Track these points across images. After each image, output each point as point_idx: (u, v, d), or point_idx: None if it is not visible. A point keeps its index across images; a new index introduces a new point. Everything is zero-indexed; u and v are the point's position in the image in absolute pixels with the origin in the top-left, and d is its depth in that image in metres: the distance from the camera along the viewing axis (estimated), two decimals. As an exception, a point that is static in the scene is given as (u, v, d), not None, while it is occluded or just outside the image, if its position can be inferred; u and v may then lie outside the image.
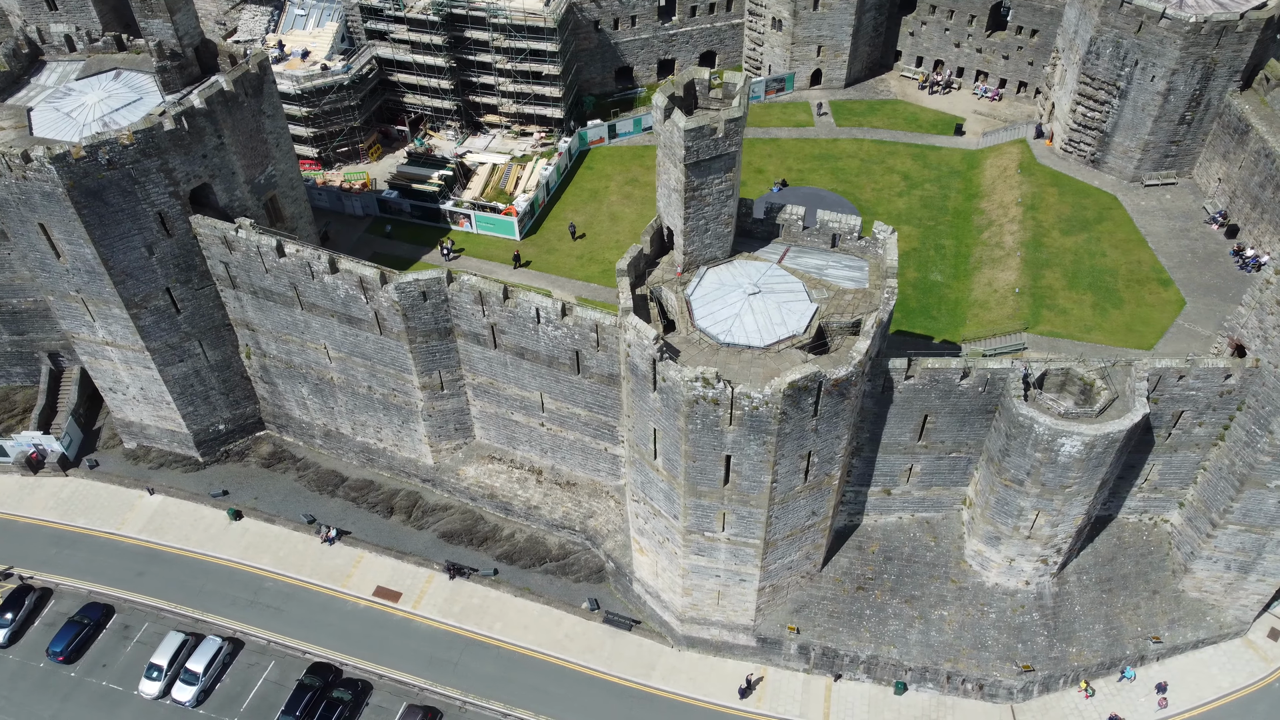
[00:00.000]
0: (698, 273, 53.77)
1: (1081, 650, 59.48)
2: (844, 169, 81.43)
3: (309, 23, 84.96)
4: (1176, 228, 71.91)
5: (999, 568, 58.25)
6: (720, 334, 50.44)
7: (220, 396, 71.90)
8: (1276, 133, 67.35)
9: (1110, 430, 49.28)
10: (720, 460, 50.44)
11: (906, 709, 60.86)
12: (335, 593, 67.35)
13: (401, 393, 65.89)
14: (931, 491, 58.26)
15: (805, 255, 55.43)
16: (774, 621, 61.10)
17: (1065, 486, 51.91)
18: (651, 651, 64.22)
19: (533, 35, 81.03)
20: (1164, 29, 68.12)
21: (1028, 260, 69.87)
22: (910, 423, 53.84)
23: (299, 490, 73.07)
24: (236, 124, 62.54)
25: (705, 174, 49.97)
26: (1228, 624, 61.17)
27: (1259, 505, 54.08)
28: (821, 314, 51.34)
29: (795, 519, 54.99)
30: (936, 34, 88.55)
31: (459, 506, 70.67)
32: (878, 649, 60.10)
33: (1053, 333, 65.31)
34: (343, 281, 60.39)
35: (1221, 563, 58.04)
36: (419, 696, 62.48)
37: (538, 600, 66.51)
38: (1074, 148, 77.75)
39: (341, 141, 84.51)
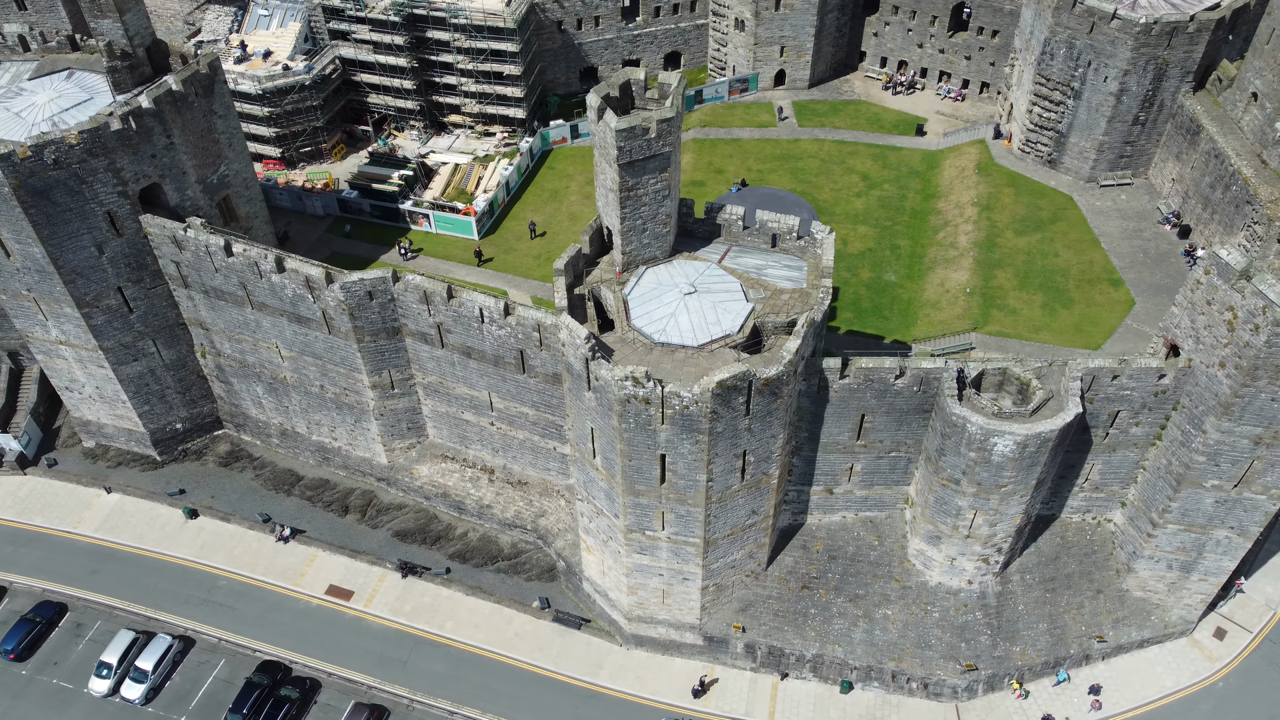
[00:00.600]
0: (636, 272, 53.95)
1: (1025, 649, 59.63)
2: (804, 169, 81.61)
3: (272, 23, 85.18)
4: (1130, 228, 72.07)
5: (941, 567, 58.41)
6: (655, 333, 50.63)
7: (176, 395, 72.12)
8: (1226, 133, 67.51)
9: (1042, 430, 49.45)
10: (655, 459, 50.62)
11: (852, 708, 61.02)
12: (288, 591, 67.53)
13: (353, 392, 66.10)
14: (874, 491, 58.42)
15: (745, 255, 55.60)
16: (720, 620, 61.26)
17: (1000, 486, 52.07)
18: (600, 650, 64.39)
19: (493, 35, 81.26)
20: (1115, 29, 68.29)
21: (980, 260, 70.03)
22: (848, 422, 54.00)
23: (255, 489, 73.30)
24: (186, 124, 62.75)
25: (640, 174, 50.11)
26: (1173, 623, 61.30)
27: (1197, 505, 54.21)
28: (757, 314, 51.52)
29: (735, 518, 55.15)
30: (900, 34, 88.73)
31: (413, 505, 70.88)
32: (823, 648, 60.27)
33: (1001, 333, 65.48)
34: (290, 281, 60.60)
35: (1163, 562, 58.18)
36: (367, 695, 62.68)
37: (489, 599, 66.70)
38: (1031, 148, 77.93)
39: (305, 141, 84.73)
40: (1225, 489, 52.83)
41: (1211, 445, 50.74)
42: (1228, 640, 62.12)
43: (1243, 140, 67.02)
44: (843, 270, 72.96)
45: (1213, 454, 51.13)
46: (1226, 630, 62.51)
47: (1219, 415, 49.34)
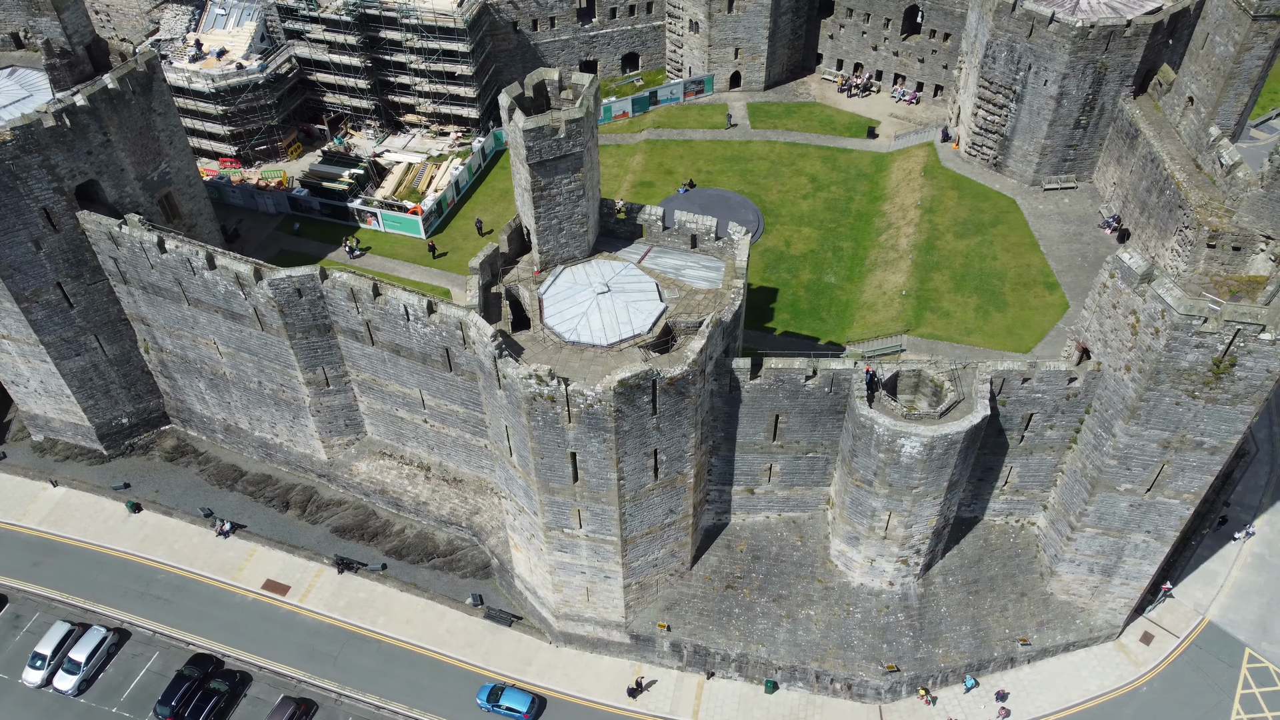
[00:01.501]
0: (554, 271, 54.32)
1: (948, 651, 59.75)
2: (753, 171, 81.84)
3: (229, 22, 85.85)
4: (1070, 232, 72.11)
5: (862, 568, 58.58)
6: (566, 332, 50.98)
7: (121, 390, 72.75)
8: (1163, 137, 67.52)
9: (948, 431, 49.61)
10: (566, 457, 50.96)
11: (776, 707, 61.23)
12: (225, 585, 68.06)
13: (289, 388, 66.61)
14: (794, 491, 58.62)
15: (666, 256, 55.92)
16: (646, 619, 61.54)
17: (912, 487, 52.23)
18: (529, 647, 64.75)
19: (444, 36, 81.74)
20: (1053, 33, 68.36)
21: (918, 263, 70.17)
22: (762, 422, 54.22)
23: (199, 484, 73.89)
24: (123, 121, 63.31)
25: (552, 174, 50.48)
26: (1098, 627, 61.33)
27: (1112, 508, 54.29)
28: (669, 314, 51.83)
29: (652, 517, 55.43)
30: (854, 37, 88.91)
31: (352, 502, 71.38)
32: (747, 647, 60.49)
33: (933, 335, 65.61)
34: (221, 278, 61.13)
35: (1084, 565, 58.24)
36: (297, 689, 63.14)
37: (423, 595, 67.12)
38: (977, 151, 78.03)
39: (260, 140, 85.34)
40: (1138, 493, 52.90)
41: (1121, 449, 50.83)
42: (1154, 645, 62.13)
43: (1179, 145, 67.00)
44: (783, 272, 73.20)
45: (1123, 457, 51.21)
46: (1154, 635, 62.51)
47: (1126, 419, 49.44)
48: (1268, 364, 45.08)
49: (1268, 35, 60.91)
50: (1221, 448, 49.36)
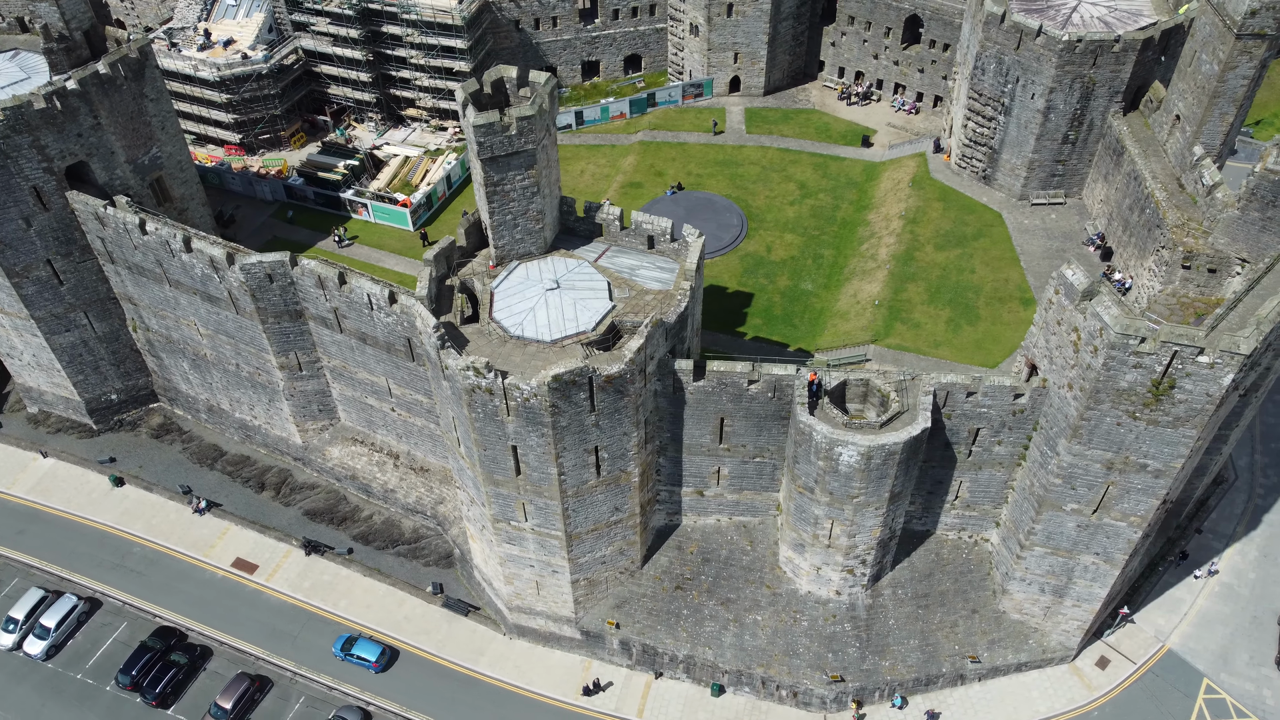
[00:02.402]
0: (509, 266, 54.98)
1: (895, 664, 59.32)
2: (743, 175, 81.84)
3: (238, 13, 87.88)
4: (1054, 248, 71.15)
5: (808, 575, 58.42)
6: (512, 327, 51.61)
7: (111, 367, 74.83)
8: (1149, 156, 66.39)
9: (885, 442, 49.37)
10: (508, 450, 51.56)
11: (721, 711, 61.27)
12: (196, 561, 69.75)
13: (264, 371, 68.09)
14: (744, 495, 58.60)
15: (622, 255, 56.30)
16: (596, 616, 61.92)
17: (852, 496, 52.03)
18: (484, 638, 65.48)
19: (443, 32, 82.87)
20: (1040, 46, 67.56)
21: (895, 273, 69.71)
22: (708, 425, 54.34)
23: (181, 461, 75.76)
24: (114, 106, 65.19)
25: (504, 170, 51.13)
26: (1052, 649, 60.48)
27: (1059, 528, 53.58)
28: (617, 313, 52.17)
29: (596, 514, 55.80)
30: (856, 45, 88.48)
31: (325, 486, 72.70)
32: (694, 649, 60.60)
33: (901, 346, 65.15)
34: (197, 260, 62.71)
35: (1035, 585, 57.51)
36: (254, 665, 64.50)
37: (385, 581, 68.18)
38: (967, 163, 77.27)
39: (263, 129, 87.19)
40: (1085, 514, 52.17)
41: (1065, 468, 50.19)
42: (1110, 670, 61.12)
43: (1164, 163, 65.80)
44: (761, 277, 73.16)
45: (1067, 477, 50.55)
46: (1110, 660, 61.50)
47: (1069, 438, 48.84)
48: (1207, 387, 44.28)
49: (1252, 55, 59.64)
50: (1166, 471, 48.49)
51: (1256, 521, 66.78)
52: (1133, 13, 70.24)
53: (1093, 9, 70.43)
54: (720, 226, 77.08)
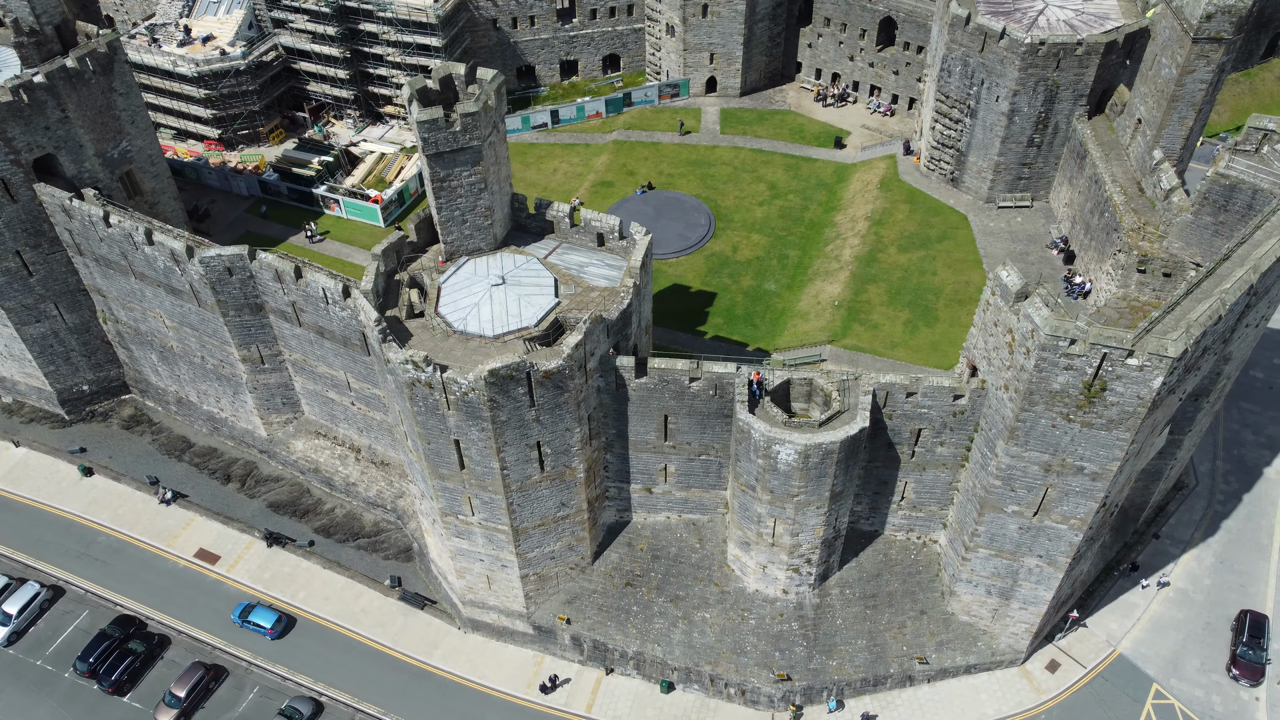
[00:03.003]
0: (459, 262, 55.40)
1: (843, 664, 59.37)
2: (714, 176, 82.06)
3: (219, 9, 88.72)
4: (1017, 251, 71.06)
5: (755, 574, 58.56)
6: (456, 321, 52.01)
7: (82, 358, 75.67)
8: (1111, 159, 66.26)
9: (822, 440, 49.50)
10: (450, 444, 51.94)
11: (670, 708, 61.46)
12: (159, 551, 70.41)
13: (228, 364, 68.74)
14: (692, 493, 58.80)
15: (573, 253, 56.64)
16: (548, 611, 62.22)
17: (793, 495, 52.16)
18: (438, 631, 65.87)
19: (419, 30, 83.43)
20: (1003, 49, 67.53)
21: (857, 274, 69.79)
22: (652, 422, 54.57)
23: (151, 452, 76.50)
24: (82, 99, 66.02)
25: (450, 166, 51.59)
26: (1001, 651, 60.40)
27: (1002, 530, 53.55)
28: (561, 309, 52.50)
29: (543, 509, 56.11)
30: (832, 47, 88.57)
31: (289, 479, 73.30)
32: (643, 645, 60.81)
33: (857, 347, 65.23)
34: (159, 253, 63.40)
35: (982, 587, 57.46)
36: (211, 655, 65.10)
37: (344, 573, 68.69)
38: (935, 166, 77.26)
39: (242, 124, 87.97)
40: (1026, 515, 52.13)
41: (1004, 469, 50.19)
42: (1060, 673, 60.99)
43: (1126, 167, 65.67)
44: (725, 277, 73.36)
45: (1007, 478, 50.55)
46: (1060, 663, 61.38)
47: (1006, 439, 48.85)
48: (1138, 390, 44.25)
49: (1209, 59, 59.48)
50: (1103, 474, 48.43)
51: (1215, 528, 66.50)
52: (1100, 16, 70.10)
53: (1060, 12, 70.34)
54: (688, 226, 77.35)
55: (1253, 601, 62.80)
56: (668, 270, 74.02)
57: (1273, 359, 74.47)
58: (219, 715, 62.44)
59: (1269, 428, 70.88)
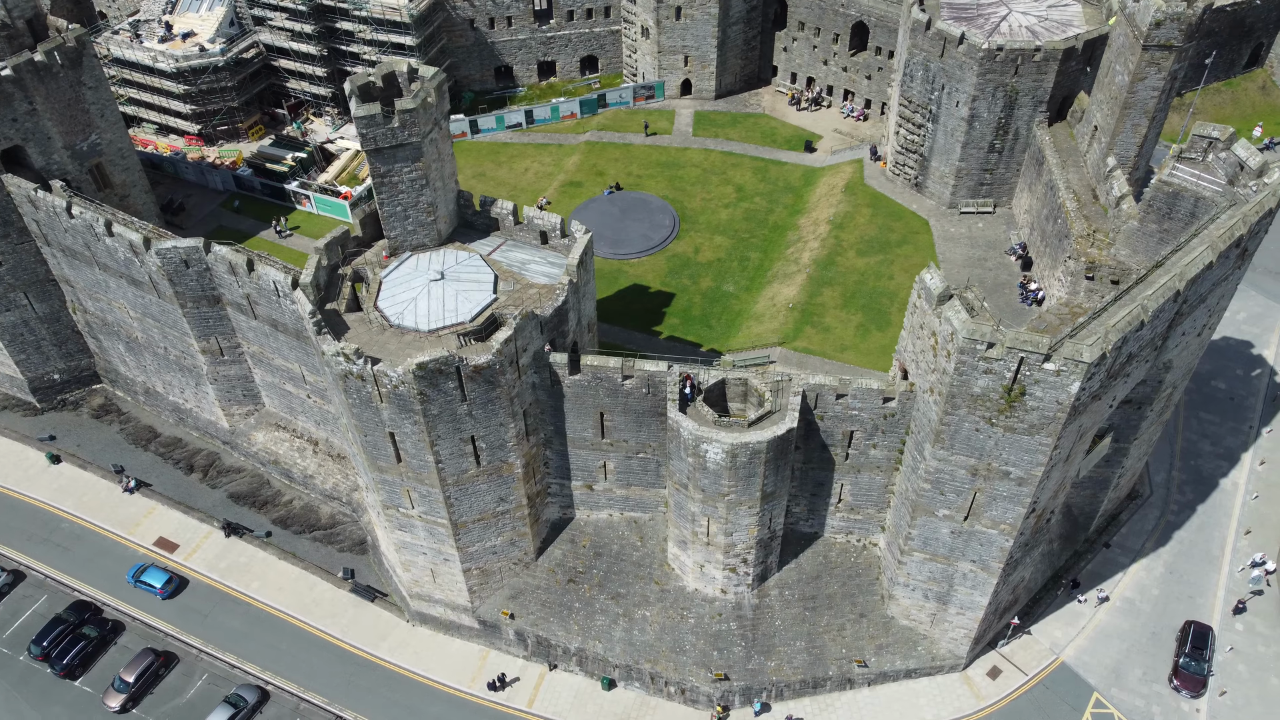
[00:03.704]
0: (402, 257, 56.01)
1: (781, 665, 59.49)
2: (683, 177, 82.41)
3: (201, 6, 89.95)
4: (976, 257, 70.99)
5: (694, 573, 58.80)
6: (393, 316, 52.60)
7: (53, 348, 76.85)
8: (1068, 166, 66.14)
9: (750, 440, 49.73)
10: (386, 436, 52.52)
11: (611, 705, 61.77)
12: (120, 538, 71.37)
13: (189, 356, 69.69)
14: (632, 491, 59.10)
15: (516, 250, 57.13)
16: (493, 606, 62.69)
17: (723, 494, 52.39)
18: (388, 624, 66.46)
19: (393, 29, 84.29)
20: (962, 54, 67.56)
21: (813, 277, 69.95)
22: (589, 419, 54.93)
23: (118, 441, 77.58)
24: (50, 93, 67.15)
25: (391, 162, 52.23)
26: (941, 656, 60.33)
27: (934, 534, 53.56)
28: (499, 306, 52.99)
29: (481, 503, 56.58)
30: (806, 51, 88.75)
31: (250, 470, 74.16)
32: (585, 642, 61.17)
33: (807, 349, 65.39)
34: (119, 244, 64.41)
35: (919, 591, 57.45)
36: (163, 641, 65.96)
37: (299, 564, 69.41)
38: (900, 170, 77.30)
39: (221, 120, 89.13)
40: (957, 520, 52.15)
41: (933, 473, 50.23)
42: (1001, 680, 60.86)
43: (1082, 174, 65.54)
44: (685, 278, 73.68)
45: (936, 482, 50.60)
46: (1002, 670, 61.24)
47: (933, 442, 48.90)
48: (1056, 395, 44.26)
49: (1160, 66, 59.31)
50: (1028, 479, 48.40)
51: (1167, 538, 66.14)
52: (1063, 23, 69.99)
53: (1023, 18, 70.29)
54: (652, 227, 77.75)
55: (1200, 613, 62.40)
56: (628, 270, 74.44)
57: (1235, 370, 73.97)
58: (167, 701, 63.29)
59: (1227, 439, 70.41)
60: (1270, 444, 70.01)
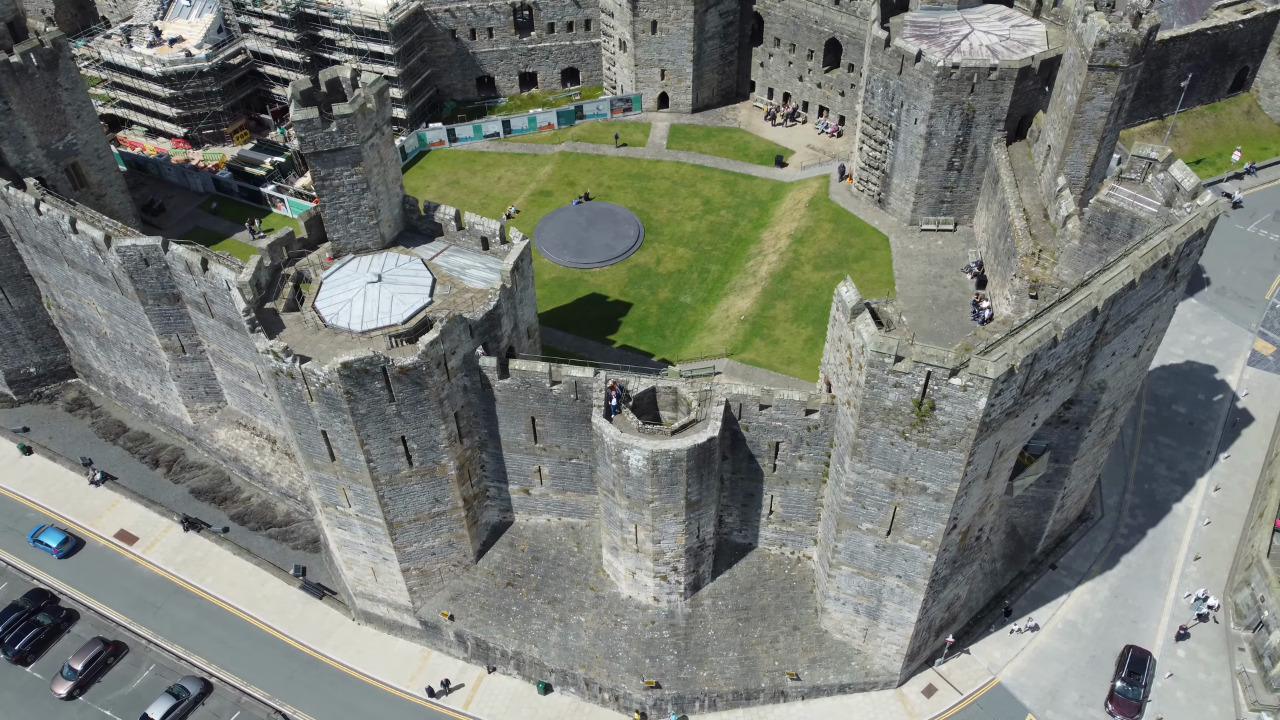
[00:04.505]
0: (344, 259, 57.02)
1: (713, 675, 59.57)
2: (652, 189, 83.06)
3: (191, 12, 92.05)
4: (931, 274, 71.00)
5: (627, 579, 59.12)
6: (329, 316, 53.56)
7: (29, 342, 78.69)
8: (1022, 184, 66.11)
9: (670, 447, 50.11)
10: (319, 434, 53.40)
11: (545, 709, 62.11)
12: (82, 529, 72.78)
13: (153, 353, 71.14)
14: (568, 496, 59.58)
15: (459, 255, 57.99)
16: (433, 607, 63.31)
17: (648, 501, 52.75)
18: (334, 621, 67.28)
19: (373, 38, 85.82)
20: (919, 71, 67.80)
21: (768, 290, 70.25)
22: (521, 423, 55.54)
23: (89, 435, 79.21)
24: (26, 93, 69.05)
25: (330, 165, 53.32)
26: (875, 672, 60.15)
27: (860, 547, 53.58)
28: (433, 309, 53.80)
29: (416, 504, 57.28)
30: (782, 67, 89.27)
31: (213, 466, 75.43)
32: (521, 646, 61.61)
33: (754, 361, 65.65)
34: (83, 241, 66.01)
35: (850, 605, 57.40)
36: (114, 631, 67.16)
37: (252, 560, 70.46)
38: (864, 186, 77.51)
39: (207, 124, 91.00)
40: (879, 534, 52.16)
41: (853, 485, 50.35)
42: (936, 698, 60.57)
43: (1035, 193, 65.49)
44: (644, 288, 74.20)
45: (857, 495, 50.70)
46: (938, 689, 60.92)
47: (852, 455, 49.04)
48: (965, 410, 44.31)
49: (1107, 87, 59.27)
50: (945, 494, 48.37)
51: (1114, 561, 65.59)
52: (1024, 42, 70.07)
53: (984, 37, 70.44)
54: (616, 237, 78.40)
55: (1142, 638, 61.80)
56: (589, 279, 75.11)
57: (1197, 394, 73.32)
58: (113, 690, 64.42)
59: (1184, 463, 69.77)
60: (1227, 470, 69.27)
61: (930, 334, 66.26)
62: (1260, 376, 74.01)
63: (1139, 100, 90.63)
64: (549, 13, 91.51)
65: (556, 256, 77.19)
